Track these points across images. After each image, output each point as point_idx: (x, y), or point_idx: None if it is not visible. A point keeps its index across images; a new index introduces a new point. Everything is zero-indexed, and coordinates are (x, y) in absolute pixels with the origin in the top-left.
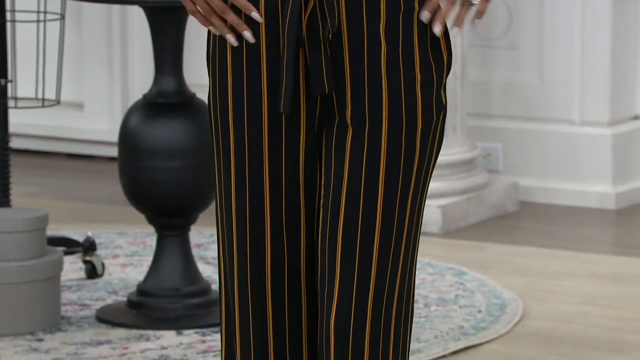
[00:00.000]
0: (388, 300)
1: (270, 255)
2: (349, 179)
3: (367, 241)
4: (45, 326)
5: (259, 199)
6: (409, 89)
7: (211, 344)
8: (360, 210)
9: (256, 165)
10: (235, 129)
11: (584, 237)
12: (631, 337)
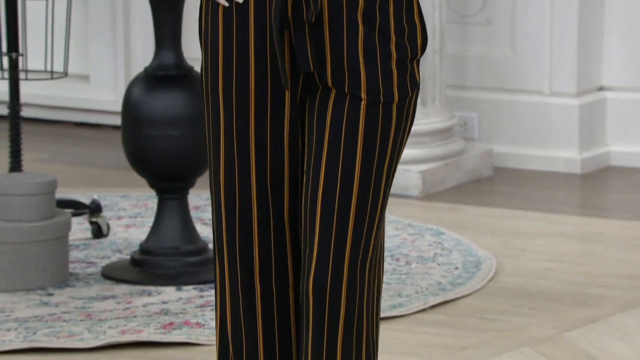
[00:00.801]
0: (363, 257)
1: (256, 212)
2: (328, 146)
3: (344, 204)
4: (54, 282)
5: (246, 163)
6: (385, 68)
7: (208, 299)
8: (339, 177)
9: (243, 133)
10: (224, 100)
11: (552, 200)
12: (595, 291)
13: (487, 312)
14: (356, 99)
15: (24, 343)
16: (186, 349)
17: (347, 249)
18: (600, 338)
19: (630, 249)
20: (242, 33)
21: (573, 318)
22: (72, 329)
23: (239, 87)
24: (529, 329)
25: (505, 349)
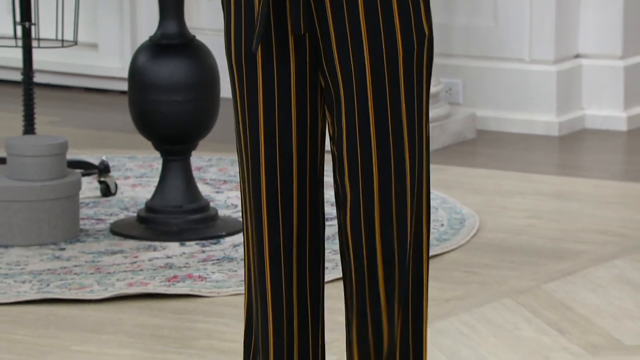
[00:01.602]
0: (400, 196)
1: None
2: (346, 111)
3: (368, 162)
4: (66, 237)
5: (255, 127)
6: (387, 19)
7: (210, 254)
8: (358, 144)
9: (253, 97)
10: (236, 66)
11: (531, 160)
12: (572, 246)
13: (470, 265)
14: (361, 65)
15: (37, 294)
16: (189, 301)
17: (375, 189)
18: (575, 289)
19: (604, 206)
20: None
21: (550, 271)
22: (82, 281)
23: (248, 54)
24: (510, 281)
25: (487, 300)
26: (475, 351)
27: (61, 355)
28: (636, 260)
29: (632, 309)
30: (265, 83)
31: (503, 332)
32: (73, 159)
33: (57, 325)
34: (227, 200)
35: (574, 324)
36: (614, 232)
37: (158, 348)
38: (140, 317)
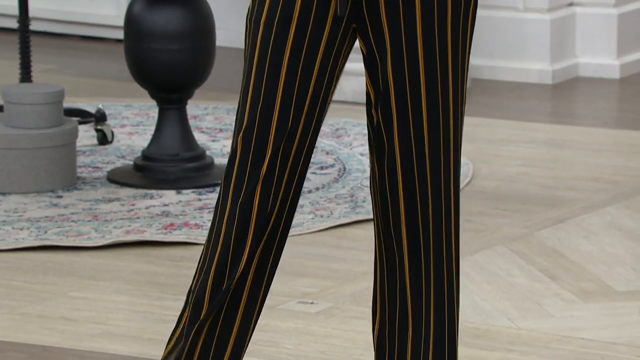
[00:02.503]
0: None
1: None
2: (393, 70)
3: (418, 113)
4: (63, 185)
5: (273, 88)
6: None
7: (206, 202)
8: (408, 96)
9: (277, 58)
10: (265, 25)
11: (525, 108)
12: (564, 193)
13: (464, 213)
14: (412, 19)
15: (35, 241)
16: (185, 248)
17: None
18: (568, 236)
19: (597, 153)
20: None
21: (543, 218)
22: (80, 228)
23: (282, 19)
24: (503, 228)
25: (480, 247)
26: (469, 298)
27: (59, 301)
28: (628, 207)
29: (623, 255)
30: (294, 43)
31: (496, 279)
32: (70, 107)
33: (55, 272)
34: (223, 149)
35: (566, 271)
36: (607, 179)
37: (155, 295)
38: (137, 264)
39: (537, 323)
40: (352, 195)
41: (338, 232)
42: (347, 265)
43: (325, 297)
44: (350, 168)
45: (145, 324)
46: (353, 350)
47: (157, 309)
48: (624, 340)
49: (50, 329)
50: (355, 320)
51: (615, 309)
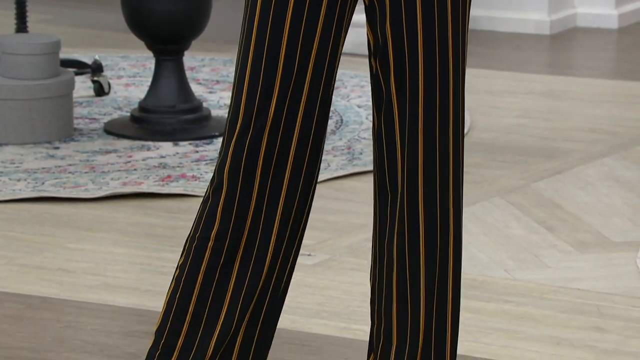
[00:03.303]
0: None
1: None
2: (391, 21)
3: (415, 64)
4: (60, 136)
5: (275, 55)
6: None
7: (203, 154)
8: (406, 50)
9: (278, 24)
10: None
11: (523, 60)
12: (561, 144)
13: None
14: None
15: (32, 192)
16: (183, 200)
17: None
18: (565, 187)
19: (594, 104)
20: None
21: (540, 169)
22: (77, 180)
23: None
24: (500, 180)
25: (477, 199)
26: (466, 249)
27: (57, 253)
28: (625, 158)
29: (620, 206)
30: (294, 14)
31: (493, 230)
32: (66, 58)
33: (52, 223)
34: (220, 101)
35: (562, 222)
36: (604, 130)
37: (152, 246)
38: (135, 216)
39: (534, 274)
40: (350, 148)
41: (335, 184)
42: (345, 217)
43: (322, 249)
44: (348, 120)
45: (142, 275)
46: (350, 301)
47: (155, 260)
48: (619, 291)
49: (48, 280)
50: (353, 272)
51: (611, 260)
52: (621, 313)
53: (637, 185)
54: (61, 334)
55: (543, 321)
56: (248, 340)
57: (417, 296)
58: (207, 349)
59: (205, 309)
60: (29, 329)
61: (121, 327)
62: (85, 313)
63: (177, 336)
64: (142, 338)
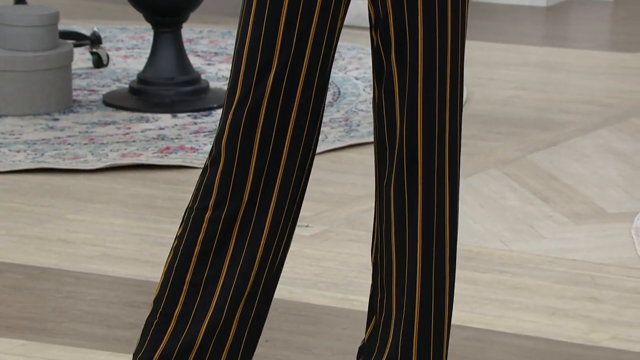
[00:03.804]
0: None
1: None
2: (393, 11)
3: (414, 39)
4: (59, 108)
5: (272, 37)
6: None
7: (202, 126)
8: (406, 25)
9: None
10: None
11: (518, 32)
12: (556, 116)
13: None
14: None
15: (32, 163)
16: (181, 172)
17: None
18: (560, 159)
19: (590, 76)
20: None
21: (536, 141)
22: (76, 151)
23: None
24: (496, 151)
25: (474, 170)
26: (463, 220)
27: (57, 223)
28: (621, 130)
29: (615, 177)
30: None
31: (489, 202)
32: (65, 30)
33: (52, 194)
34: (218, 73)
35: (558, 193)
36: (599, 102)
37: (151, 218)
38: (134, 187)
39: (529, 245)
40: (347, 120)
41: (332, 156)
42: (342, 189)
43: (319, 220)
44: (345, 92)
45: (141, 246)
46: (347, 272)
47: (154, 231)
48: (614, 261)
49: (47, 250)
50: (350, 243)
51: (606, 231)
52: (616, 283)
53: (632, 157)
54: (61, 304)
55: (538, 291)
56: (246, 310)
57: (413, 267)
58: (205, 318)
59: (203, 278)
60: (28, 299)
61: (120, 298)
62: (84, 283)
63: (175, 305)
64: (141, 308)
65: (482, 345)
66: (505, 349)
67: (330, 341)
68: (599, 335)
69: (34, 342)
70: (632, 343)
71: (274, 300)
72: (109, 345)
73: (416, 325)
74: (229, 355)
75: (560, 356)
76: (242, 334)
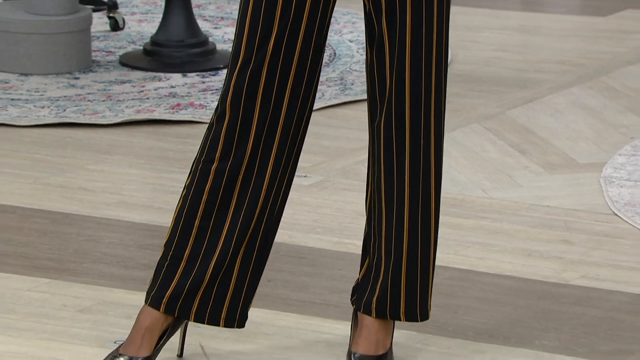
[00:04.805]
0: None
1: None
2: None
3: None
4: (80, 68)
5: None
6: None
7: (209, 84)
8: (397, 26)
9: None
10: None
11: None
12: (533, 75)
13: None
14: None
15: (55, 118)
16: (191, 126)
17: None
18: (536, 115)
19: (563, 39)
20: None
21: (514, 98)
22: (95, 107)
23: None
24: (478, 108)
25: (457, 125)
26: (447, 172)
27: (78, 173)
28: (591, 87)
29: (585, 131)
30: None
31: (471, 154)
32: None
33: (74, 147)
34: (224, 36)
35: (534, 146)
36: (572, 62)
37: (164, 168)
38: (148, 140)
39: (508, 193)
40: (342, 79)
41: (329, 112)
42: (337, 142)
43: (317, 171)
44: (340, 53)
45: (155, 194)
46: (342, 218)
47: (166, 181)
48: (585, 207)
49: (70, 198)
50: (345, 191)
51: (577, 180)
52: (585, 227)
53: (601, 112)
54: (82, 247)
55: (516, 235)
56: (249, 252)
57: (401, 213)
58: (211, 260)
59: (210, 222)
60: (53, 241)
61: (135, 241)
62: (103, 228)
63: (184, 248)
64: (155, 250)
65: (464, 285)
66: (485, 288)
67: (327, 281)
68: (570, 274)
69: (57, 280)
70: (599, 281)
71: (276, 243)
72: (126, 284)
73: (404, 267)
74: (234, 292)
75: (535, 293)
76: (245, 273)
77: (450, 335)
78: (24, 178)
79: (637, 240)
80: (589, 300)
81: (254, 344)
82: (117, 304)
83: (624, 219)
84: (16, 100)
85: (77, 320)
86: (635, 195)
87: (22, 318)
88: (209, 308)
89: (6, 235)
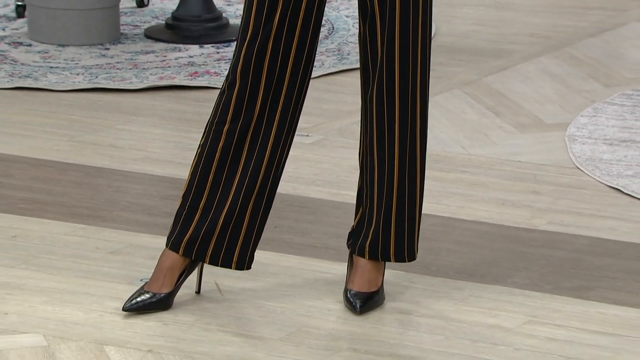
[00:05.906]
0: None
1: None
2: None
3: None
4: (110, 40)
5: None
6: None
7: (223, 55)
8: (386, 13)
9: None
10: None
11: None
12: (506, 46)
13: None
14: None
15: (89, 84)
16: (207, 92)
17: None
18: (509, 81)
19: (534, 14)
20: None
21: (490, 67)
22: (123, 74)
23: None
24: (458, 75)
25: (440, 91)
26: (431, 131)
27: (108, 132)
28: (557, 57)
29: (552, 95)
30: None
31: (452, 116)
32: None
33: (104, 109)
34: (236, 12)
35: (507, 108)
36: (541, 35)
37: (183, 128)
38: (169, 104)
39: (484, 150)
40: (339, 50)
41: (328, 79)
42: (335, 105)
43: (317, 131)
44: (338, 27)
45: (175, 151)
46: (339, 172)
47: (185, 139)
48: (552, 162)
49: (101, 154)
50: (342, 149)
51: (545, 138)
52: (552, 179)
53: (566, 79)
54: (112, 197)
55: (491, 187)
56: (257, 202)
57: (392, 167)
58: (224, 208)
59: (222, 176)
60: (87, 192)
61: (158, 192)
62: (130, 180)
63: (200, 199)
64: (175, 200)
65: (446, 230)
66: (464, 233)
67: (326, 227)
68: (539, 220)
69: (91, 226)
70: (564, 226)
71: (281, 194)
72: (150, 229)
73: (394, 215)
74: (245, 236)
75: (508, 238)
76: (254, 220)
77: (433, 274)
78: (61, 136)
79: (597, 190)
80: (555, 243)
81: (262, 282)
82: (142, 247)
83: (585, 172)
84: (54, 68)
85: (108, 261)
86: (596, 152)
87: (60, 258)
88: (222, 253)
89: (46, 187)
